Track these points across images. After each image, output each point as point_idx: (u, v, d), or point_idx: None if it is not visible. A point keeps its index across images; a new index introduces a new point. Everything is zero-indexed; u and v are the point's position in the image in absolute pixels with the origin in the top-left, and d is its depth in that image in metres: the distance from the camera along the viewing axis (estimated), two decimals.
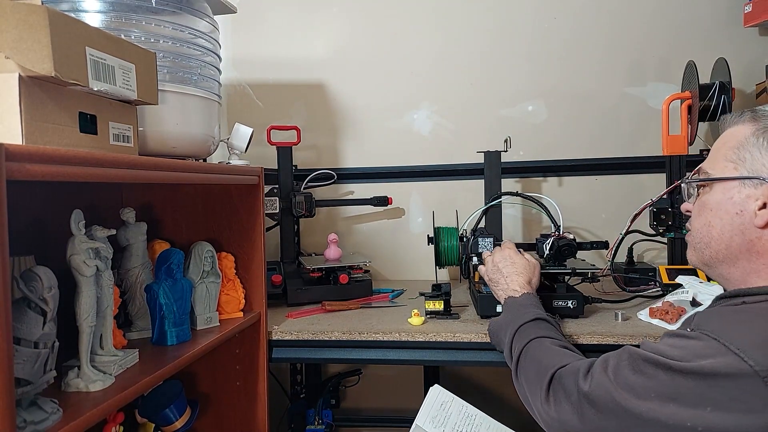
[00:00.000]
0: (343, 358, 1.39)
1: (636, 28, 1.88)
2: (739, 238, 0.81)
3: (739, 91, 1.77)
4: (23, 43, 0.73)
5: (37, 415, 0.74)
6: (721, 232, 0.83)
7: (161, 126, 1.18)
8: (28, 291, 0.75)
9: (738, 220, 0.81)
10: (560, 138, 1.93)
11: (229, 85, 2.05)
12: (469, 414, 1.17)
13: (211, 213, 1.40)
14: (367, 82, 2.01)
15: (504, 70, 1.95)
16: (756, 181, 0.80)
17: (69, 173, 0.72)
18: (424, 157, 1.99)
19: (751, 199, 0.80)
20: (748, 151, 0.81)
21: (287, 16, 2.04)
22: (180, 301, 1.18)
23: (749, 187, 0.80)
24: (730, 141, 0.85)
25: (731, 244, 0.82)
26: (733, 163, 0.82)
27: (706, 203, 0.85)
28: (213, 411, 1.46)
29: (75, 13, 1.11)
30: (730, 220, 0.82)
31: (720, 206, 0.83)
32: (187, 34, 1.26)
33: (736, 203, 0.81)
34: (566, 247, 1.39)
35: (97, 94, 0.88)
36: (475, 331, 1.29)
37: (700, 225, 0.86)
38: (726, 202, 0.82)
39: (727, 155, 0.84)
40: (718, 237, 0.83)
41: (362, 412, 2.08)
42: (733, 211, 0.81)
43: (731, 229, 0.82)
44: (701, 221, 0.86)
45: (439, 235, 1.63)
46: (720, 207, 0.83)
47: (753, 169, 0.80)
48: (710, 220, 0.84)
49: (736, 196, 0.81)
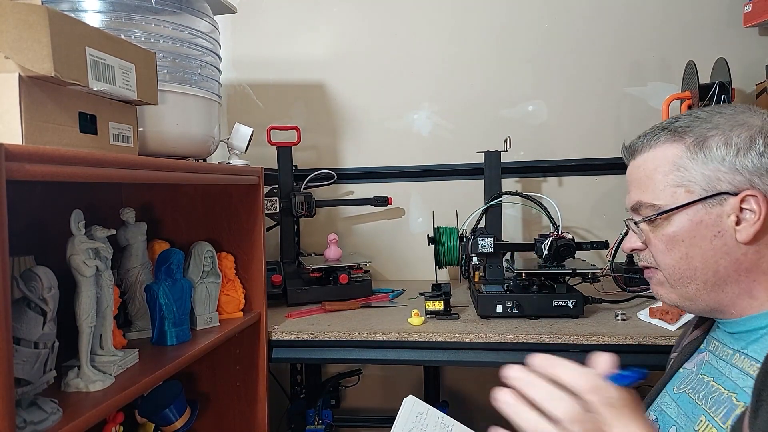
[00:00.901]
0: (343, 358, 1.39)
1: (636, 28, 1.88)
2: (725, 260, 0.75)
3: (739, 91, 1.77)
4: (23, 43, 0.73)
5: (36, 415, 0.74)
6: (704, 260, 0.76)
7: (161, 126, 1.18)
8: (28, 291, 0.75)
9: (719, 242, 0.75)
10: (560, 138, 1.93)
11: (229, 85, 2.05)
12: (445, 425, 1.13)
13: (211, 213, 1.40)
14: (367, 82, 2.01)
15: (504, 71, 1.95)
16: (719, 198, 0.74)
17: (69, 173, 0.72)
18: (424, 157, 1.99)
19: (722, 217, 0.74)
20: (692, 170, 0.75)
21: (287, 16, 2.04)
22: (180, 302, 1.18)
23: (715, 206, 0.74)
24: (660, 166, 0.78)
25: (718, 270, 0.75)
26: (683, 187, 0.76)
27: (674, 236, 0.77)
28: (213, 411, 1.46)
29: (75, 13, 1.11)
30: (710, 245, 0.75)
31: (693, 234, 0.76)
32: (187, 34, 1.26)
33: (710, 226, 0.75)
34: (565, 247, 1.39)
35: (97, 94, 0.88)
36: (475, 331, 1.29)
37: (674, 260, 0.78)
38: (698, 228, 0.75)
39: (667, 181, 0.77)
40: (702, 266, 0.76)
41: (362, 412, 2.08)
42: (710, 235, 0.75)
43: (714, 253, 0.75)
44: (675, 256, 0.78)
45: (439, 235, 1.63)
46: (694, 235, 0.76)
47: (709, 186, 0.74)
48: (687, 251, 0.77)
49: (706, 218, 0.75)
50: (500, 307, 1.37)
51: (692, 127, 0.77)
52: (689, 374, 0.84)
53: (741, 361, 0.75)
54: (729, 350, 0.78)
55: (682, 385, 0.83)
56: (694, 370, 0.83)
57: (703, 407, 0.76)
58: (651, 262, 0.82)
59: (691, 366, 0.85)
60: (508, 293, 1.41)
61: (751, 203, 0.72)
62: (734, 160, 0.73)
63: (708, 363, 0.82)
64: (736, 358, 0.76)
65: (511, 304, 1.37)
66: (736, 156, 0.73)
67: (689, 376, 0.84)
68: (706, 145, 0.75)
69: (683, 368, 0.87)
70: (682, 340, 0.94)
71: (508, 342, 1.27)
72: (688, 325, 0.97)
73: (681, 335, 0.98)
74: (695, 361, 0.85)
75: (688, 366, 0.86)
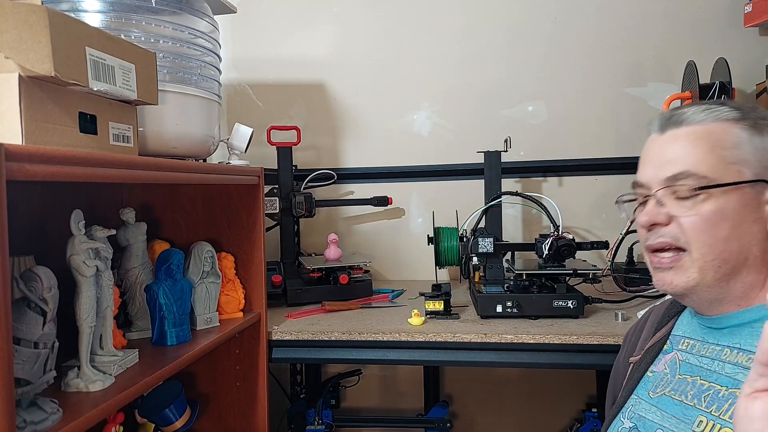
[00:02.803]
0: (343, 358, 1.39)
1: (636, 28, 1.88)
2: (758, 248, 0.74)
3: (739, 91, 1.77)
4: (23, 43, 0.73)
5: (36, 415, 0.74)
6: (741, 244, 0.74)
7: (161, 126, 1.18)
8: (28, 291, 0.75)
9: (756, 228, 0.74)
10: (560, 138, 1.93)
11: (229, 85, 2.05)
12: None
13: (211, 213, 1.40)
14: (367, 82, 2.01)
15: (504, 70, 1.95)
16: (764, 185, 0.74)
17: (69, 173, 0.72)
18: (424, 157, 1.99)
19: (763, 204, 0.74)
20: (748, 152, 0.74)
21: (287, 16, 2.04)
22: (180, 302, 1.18)
23: (759, 192, 0.74)
24: (718, 141, 0.75)
25: (749, 256, 0.74)
26: (737, 165, 0.74)
27: (720, 212, 0.73)
28: (213, 411, 1.46)
29: (75, 13, 1.11)
30: (748, 230, 0.74)
31: (738, 215, 0.73)
32: (187, 34, 1.26)
33: (753, 210, 0.73)
34: (565, 247, 1.39)
35: (97, 94, 0.88)
36: (475, 331, 1.29)
37: (714, 239, 0.74)
38: (744, 211, 0.73)
39: (724, 156, 0.74)
40: (738, 250, 0.74)
41: (362, 412, 2.08)
42: (750, 220, 0.73)
43: (750, 239, 0.74)
44: (716, 234, 0.73)
45: (439, 235, 1.63)
46: (738, 216, 0.73)
47: (760, 172, 0.74)
48: (729, 232, 0.73)
49: (751, 202, 0.73)
50: (500, 307, 1.37)
51: (747, 111, 0.77)
52: (662, 377, 0.82)
53: (734, 356, 0.74)
54: (714, 347, 0.77)
55: (658, 388, 0.82)
56: (668, 372, 0.82)
57: (698, 407, 0.75)
58: (678, 240, 0.76)
59: (661, 368, 0.84)
60: (508, 293, 1.41)
61: None
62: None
63: (685, 362, 0.81)
64: (726, 354, 0.75)
65: (511, 304, 1.37)
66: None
67: (663, 378, 0.82)
68: (764, 131, 0.75)
69: (651, 372, 0.85)
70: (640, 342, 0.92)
71: (508, 342, 1.27)
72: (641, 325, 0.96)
73: (633, 336, 0.96)
74: (663, 363, 0.84)
75: (656, 369, 0.85)
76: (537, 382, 1.96)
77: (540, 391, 1.96)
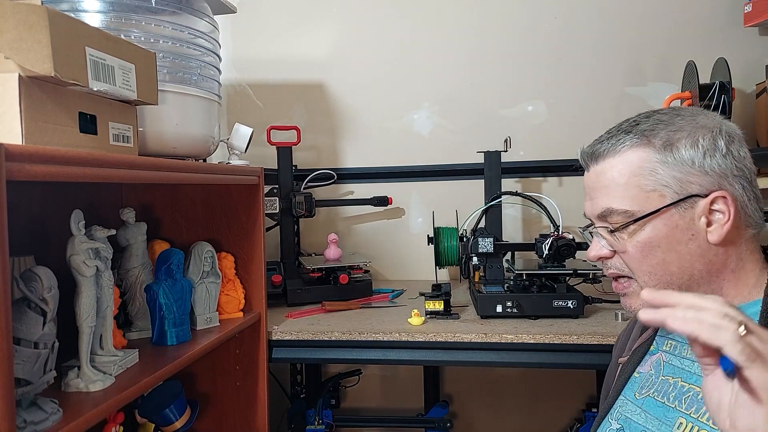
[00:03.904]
0: (343, 358, 1.39)
1: (636, 28, 1.88)
2: (700, 263, 0.75)
3: (739, 91, 1.77)
4: (23, 43, 0.73)
5: (37, 415, 0.74)
6: (680, 265, 0.76)
7: (161, 126, 1.18)
8: (28, 291, 0.75)
9: (693, 245, 0.75)
10: (560, 138, 1.93)
11: (229, 85, 2.05)
12: None
13: (211, 213, 1.40)
14: (367, 82, 2.01)
15: (504, 70, 1.95)
16: (690, 201, 0.74)
17: (69, 173, 0.72)
18: (424, 157, 1.99)
19: (695, 220, 0.74)
20: (664, 174, 0.74)
21: (287, 16, 2.04)
22: (180, 302, 1.18)
23: (687, 209, 0.74)
24: (633, 170, 0.76)
25: (694, 273, 0.75)
26: (656, 191, 0.75)
27: (649, 241, 0.76)
28: (213, 411, 1.46)
29: (75, 13, 1.11)
30: (686, 249, 0.75)
31: (670, 239, 0.75)
32: (187, 34, 1.26)
33: (685, 229, 0.74)
34: (565, 247, 1.39)
35: (96, 94, 0.88)
36: (475, 331, 1.29)
37: (650, 267, 0.77)
38: (674, 233, 0.75)
39: (641, 185, 0.75)
40: (679, 271, 0.76)
41: (362, 412, 2.08)
42: (685, 239, 0.75)
43: (690, 257, 0.75)
44: (651, 261, 0.77)
45: (439, 235, 1.63)
46: (671, 240, 0.75)
47: (681, 189, 0.74)
48: (663, 257, 0.76)
49: (680, 222, 0.74)
50: (500, 307, 1.37)
51: (657, 129, 0.76)
52: (647, 378, 0.83)
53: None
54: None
55: (643, 389, 0.82)
56: (652, 373, 0.82)
57: (678, 409, 0.75)
58: (623, 270, 0.80)
59: (646, 369, 0.84)
60: (508, 293, 1.41)
61: (720, 204, 0.73)
62: (702, 162, 0.74)
63: (668, 363, 0.81)
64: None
65: (511, 304, 1.37)
66: (704, 158, 0.74)
67: (648, 379, 0.82)
68: (675, 147, 0.74)
69: (637, 372, 0.85)
70: (628, 343, 0.92)
71: (508, 342, 1.27)
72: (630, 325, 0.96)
73: (623, 337, 0.97)
74: (649, 364, 0.84)
75: (642, 370, 0.85)
76: (537, 382, 1.96)
77: (540, 391, 1.96)
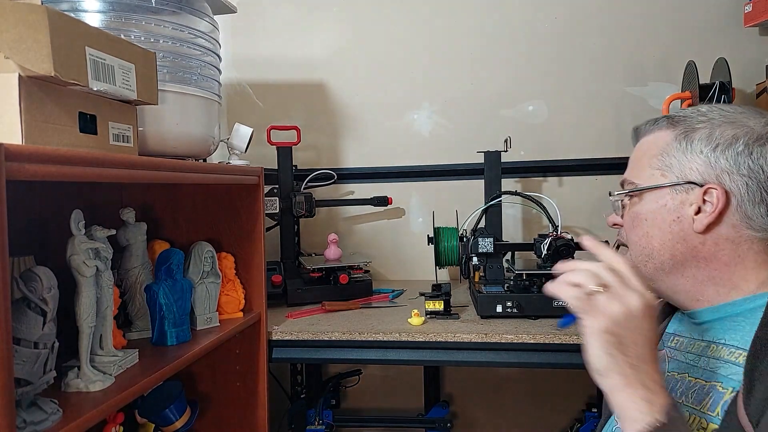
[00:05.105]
0: (343, 358, 1.39)
1: (636, 28, 1.88)
2: (682, 245, 0.78)
3: (739, 91, 1.77)
4: (23, 43, 0.73)
5: (36, 415, 0.74)
6: (662, 241, 0.80)
7: (161, 126, 1.18)
8: (28, 291, 0.75)
9: (677, 227, 0.79)
10: (560, 138, 1.93)
11: (229, 85, 2.05)
12: None
13: (211, 213, 1.40)
14: (367, 82, 2.01)
15: (504, 70, 1.95)
16: (686, 186, 0.78)
17: (69, 173, 0.72)
18: (424, 157, 1.99)
19: (685, 204, 0.78)
20: (673, 157, 0.79)
21: (287, 16, 2.04)
22: (180, 302, 1.18)
23: (681, 193, 0.78)
24: (651, 149, 0.83)
25: (675, 253, 0.79)
26: (660, 170, 0.80)
27: (638, 214, 0.82)
28: (213, 411, 1.46)
29: (75, 13, 1.11)
30: (668, 228, 0.79)
31: (656, 215, 0.80)
32: (187, 34, 1.26)
33: (671, 210, 0.79)
34: (564, 247, 1.39)
35: (97, 94, 0.88)
36: (475, 331, 1.29)
37: (637, 237, 0.83)
38: (661, 211, 0.80)
39: (651, 163, 0.82)
40: (659, 247, 0.80)
41: (362, 412, 2.08)
42: (670, 219, 0.79)
43: (672, 237, 0.79)
44: (638, 233, 0.83)
45: (439, 235, 1.63)
46: (656, 216, 0.80)
47: (681, 174, 0.78)
48: (647, 230, 0.81)
49: (670, 203, 0.79)
50: (500, 307, 1.37)
51: (688, 118, 0.81)
52: None
53: (718, 350, 0.76)
54: (700, 343, 0.79)
55: None
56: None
57: (686, 404, 0.76)
58: (625, 239, 0.87)
59: None
60: (508, 293, 1.40)
61: (712, 196, 0.76)
62: (710, 155, 0.77)
63: (673, 359, 0.83)
64: (712, 349, 0.77)
65: (511, 304, 1.37)
66: (713, 151, 0.77)
67: None
68: (690, 136, 0.79)
69: None
70: None
71: (508, 342, 1.27)
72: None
73: None
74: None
75: None
76: (537, 382, 1.96)
77: (540, 391, 1.96)
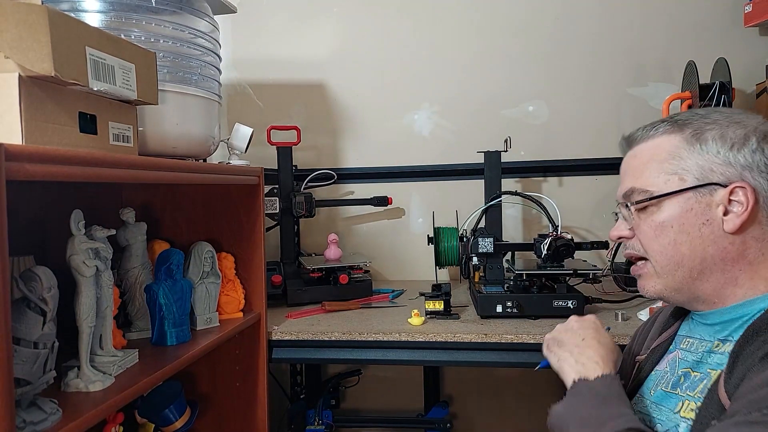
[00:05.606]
0: (343, 358, 1.39)
1: (637, 28, 1.88)
2: (712, 248, 0.76)
3: (739, 91, 1.77)
4: (23, 43, 0.73)
5: (36, 415, 0.74)
6: (692, 247, 0.77)
7: (161, 126, 1.18)
8: (28, 291, 0.75)
9: (707, 230, 0.76)
10: (560, 138, 1.93)
11: (229, 85, 2.05)
12: None
13: (211, 213, 1.40)
14: (367, 82, 2.01)
15: (504, 70, 1.95)
16: (710, 188, 0.76)
17: (69, 173, 0.72)
18: (424, 157, 1.99)
19: (712, 206, 0.76)
20: (688, 160, 0.77)
21: (287, 16, 2.04)
22: (180, 302, 1.18)
23: (706, 195, 0.76)
24: (658, 154, 0.80)
25: (706, 257, 0.77)
26: (677, 175, 0.78)
27: (662, 222, 0.79)
28: (213, 411, 1.46)
29: (75, 13, 1.11)
30: (698, 233, 0.77)
31: (682, 221, 0.77)
32: (187, 34, 1.26)
33: (699, 214, 0.77)
34: (563, 247, 1.39)
35: (97, 94, 0.88)
36: (475, 331, 1.29)
37: (662, 247, 0.79)
38: (687, 215, 0.77)
39: (663, 168, 0.79)
40: (690, 253, 0.77)
41: (362, 412, 2.08)
42: (699, 223, 0.77)
43: (702, 241, 0.77)
44: (663, 242, 0.79)
45: (439, 235, 1.63)
46: (683, 221, 0.77)
47: (702, 176, 0.76)
48: (675, 237, 0.78)
49: (696, 206, 0.77)
50: (500, 307, 1.37)
51: (691, 121, 0.80)
52: (662, 375, 0.85)
53: (726, 347, 0.76)
54: (708, 343, 0.79)
55: (657, 386, 0.84)
56: (668, 370, 0.84)
57: (678, 393, 0.78)
58: (639, 251, 0.83)
59: (663, 367, 0.86)
60: (508, 293, 1.41)
61: (739, 195, 0.75)
62: (728, 154, 0.76)
63: (682, 360, 0.83)
64: (716, 345, 0.77)
65: (511, 304, 1.37)
66: (730, 150, 0.76)
67: (663, 376, 0.84)
68: (703, 137, 0.78)
69: (655, 371, 0.87)
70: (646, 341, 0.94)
71: (508, 342, 1.26)
72: (649, 324, 0.98)
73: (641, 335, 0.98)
74: (666, 362, 0.86)
75: (659, 368, 0.87)
76: (537, 382, 1.96)
77: (540, 391, 1.96)
